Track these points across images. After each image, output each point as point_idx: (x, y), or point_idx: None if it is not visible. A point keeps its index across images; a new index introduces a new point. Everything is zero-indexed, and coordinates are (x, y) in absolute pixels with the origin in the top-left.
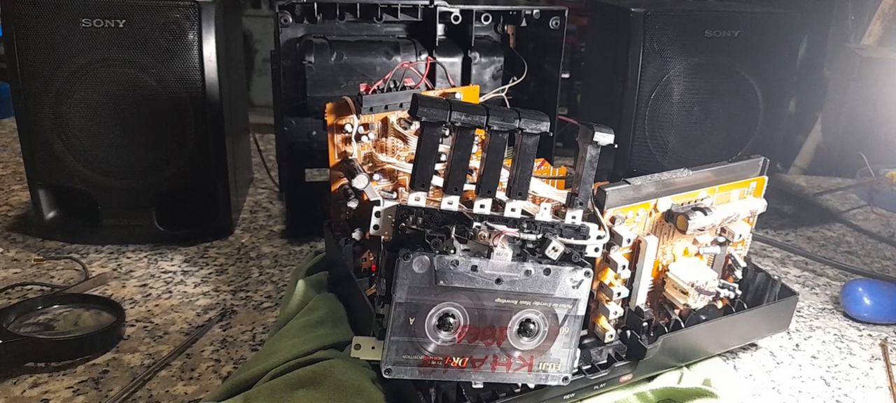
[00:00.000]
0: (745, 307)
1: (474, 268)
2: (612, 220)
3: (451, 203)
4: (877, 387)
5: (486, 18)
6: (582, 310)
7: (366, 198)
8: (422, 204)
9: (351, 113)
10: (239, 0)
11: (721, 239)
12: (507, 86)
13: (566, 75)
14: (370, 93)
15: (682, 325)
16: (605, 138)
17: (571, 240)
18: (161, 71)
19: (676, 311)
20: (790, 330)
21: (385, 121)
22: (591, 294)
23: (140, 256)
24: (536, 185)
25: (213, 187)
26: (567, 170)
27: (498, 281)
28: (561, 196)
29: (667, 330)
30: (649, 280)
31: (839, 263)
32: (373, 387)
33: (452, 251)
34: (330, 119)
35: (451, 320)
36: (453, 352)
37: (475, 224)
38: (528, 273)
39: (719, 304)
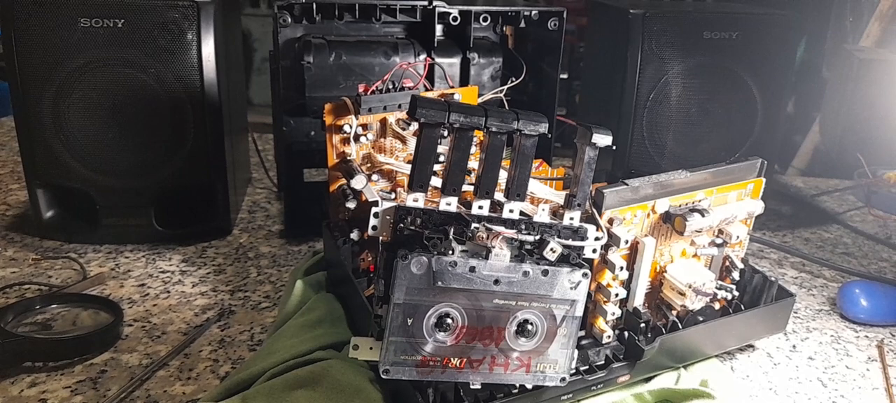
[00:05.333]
0: (743, 308)
1: (472, 269)
2: (610, 221)
3: (450, 204)
4: (873, 388)
5: (485, 19)
6: (580, 311)
7: (364, 198)
8: (420, 204)
9: (349, 113)
10: None
11: (718, 241)
12: (505, 87)
13: (565, 76)
14: (369, 93)
15: (680, 326)
16: (603, 139)
17: (569, 242)
18: (160, 70)
19: (674, 312)
20: (787, 332)
21: (384, 122)
22: (589, 295)
23: (138, 256)
24: (535, 186)
25: (212, 187)
26: (565, 170)
27: (496, 281)
28: (559, 197)
29: (664, 331)
30: (647, 281)
31: (836, 264)
32: (371, 387)
33: (451, 252)
34: (328, 119)
35: (449, 321)
36: (451, 353)
37: (473, 225)
38: (526, 274)
39: (717, 305)
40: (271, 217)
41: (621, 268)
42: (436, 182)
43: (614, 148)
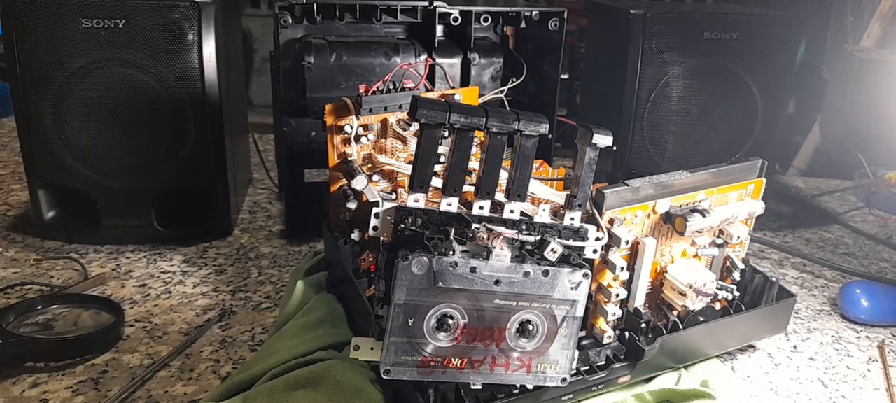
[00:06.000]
0: (743, 308)
1: (473, 270)
2: (611, 222)
3: (451, 204)
4: (874, 389)
5: (486, 19)
6: (580, 312)
7: (365, 198)
8: (421, 205)
9: (350, 114)
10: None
11: (719, 241)
12: (506, 88)
13: (565, 76)
14: (369, 94)
15: (681, 326)
16: (603, 140)
17: (570, 242)
18: (161, 71)
19: (675, 313)
20: (788, 332)
21: (384, 123)
22: (590, 295)
23: (139, 256)
24: (535, 187)
25: (213, 187)
26: (566, 171)
27: (497, 282)
28: (560, 197)
29: (665, 332)
30: (647, 281)
31: (837, 265)
32: (372, 388)
33: (451, 252)
34: (329, 120)
35: (450, 321)
36: (452, 353)
37: (474, 225)
38: (526, 274)
39: (717, 306)
40: (272, 217)
41: (622, 269)
42: (436, 182)
43: (615, 148)
